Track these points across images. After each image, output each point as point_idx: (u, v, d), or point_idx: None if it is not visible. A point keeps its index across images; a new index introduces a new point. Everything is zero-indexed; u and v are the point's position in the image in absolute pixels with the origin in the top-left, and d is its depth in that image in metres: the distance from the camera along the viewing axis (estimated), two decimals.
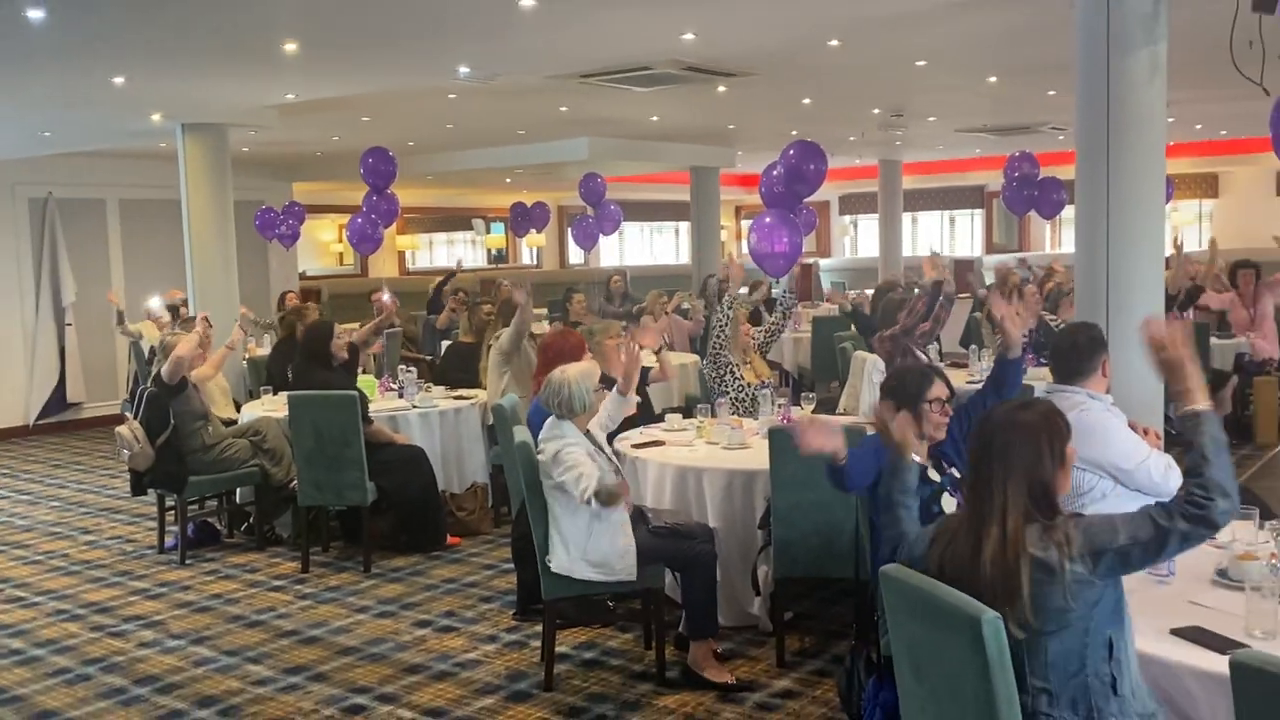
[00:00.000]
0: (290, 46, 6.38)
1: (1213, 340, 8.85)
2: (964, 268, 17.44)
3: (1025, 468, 2.52)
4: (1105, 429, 3.81)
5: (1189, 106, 10.87)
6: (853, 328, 8.94)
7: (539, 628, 4.84)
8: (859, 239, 23.37)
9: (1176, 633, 2.77)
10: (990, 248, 20.67)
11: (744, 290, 12.05)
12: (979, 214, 21.42)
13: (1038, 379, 5.52)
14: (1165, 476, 3.75)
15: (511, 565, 5.55)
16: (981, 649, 2.31)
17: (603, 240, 16.59)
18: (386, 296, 8.86)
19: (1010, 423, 2.59)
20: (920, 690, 2.63)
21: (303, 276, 15.79)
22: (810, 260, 20.44)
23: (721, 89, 8.71)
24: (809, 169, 6.71)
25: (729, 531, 4.97)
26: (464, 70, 7.29)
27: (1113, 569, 2.46)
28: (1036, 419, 2.59)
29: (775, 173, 6.94)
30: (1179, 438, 2.67)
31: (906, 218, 19.61)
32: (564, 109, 9.66)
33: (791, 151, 6.79)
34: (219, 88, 7.84)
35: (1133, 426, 4.01)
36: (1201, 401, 2.56)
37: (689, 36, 6.48)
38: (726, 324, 6.50)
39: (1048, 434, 2.57)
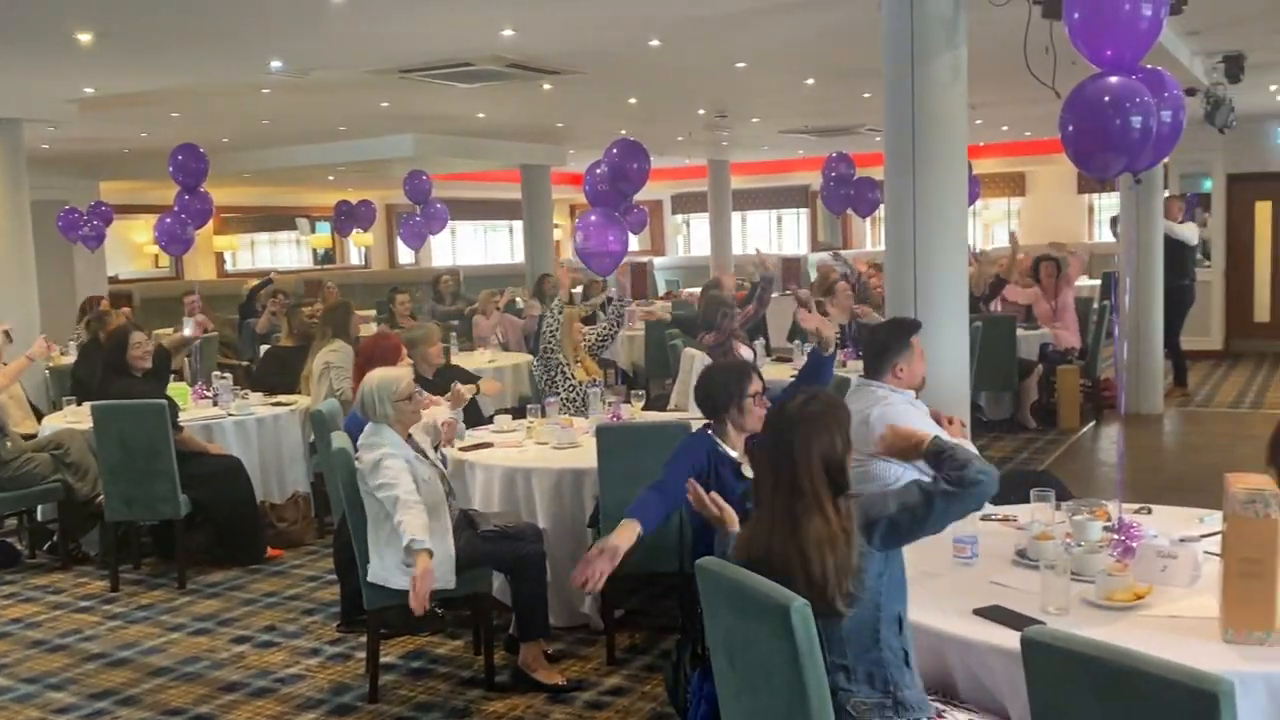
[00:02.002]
0: (84, 37, 6.04)
1: (1019, 331, 9.32)
2: (791, 265, 17.95)
3: (822, 455, 2.65)
4: (908, 421, 3.96)
5: (994, 109, 11.44)
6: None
7: (365, 639, 4.72)
8: (691, 238, 23.73)
9: (978, 612, 2.88)
10: (815, 246, 21.31)
11: (578, 290, 12.07)
12: (804, 213, 22.05)
13: (856, 371, 5.71)
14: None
15: (335, 576, 5.39)
16: (790, 636, 2.36)
17: (434, 240, 16.34)
18: (189, 331, 8.22)
19: (802, 418, 2.71)
20: (735, 679, 2.66)
21: (113, 280, 15.01)
22: (645, 259, 20.64)
23: (547, 87, 8.69)
24: (632, 167, 6.74)
25: (559, 531, 4.95)
26: (276, 64, 7.06)
27: (886, 538, 2.62)
28: (822, 410, 2.74)
29: (599, 171, 6.95)
30: (990, 425, 2.85)
31: (736, 216, 20.02)
32: (385, 104, 9.46)
33: (615, 150, 6.81)
34: (9, 80, 7.37)
35: (937, 416, 4.18)
36: (924, 440, 3.00)
37: (508, 33, 6.43)
38: (556, 328, 6.47)
39: (835, 420, 2.73)
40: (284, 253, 19.78)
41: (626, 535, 3.47)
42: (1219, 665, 2.44)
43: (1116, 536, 3.31)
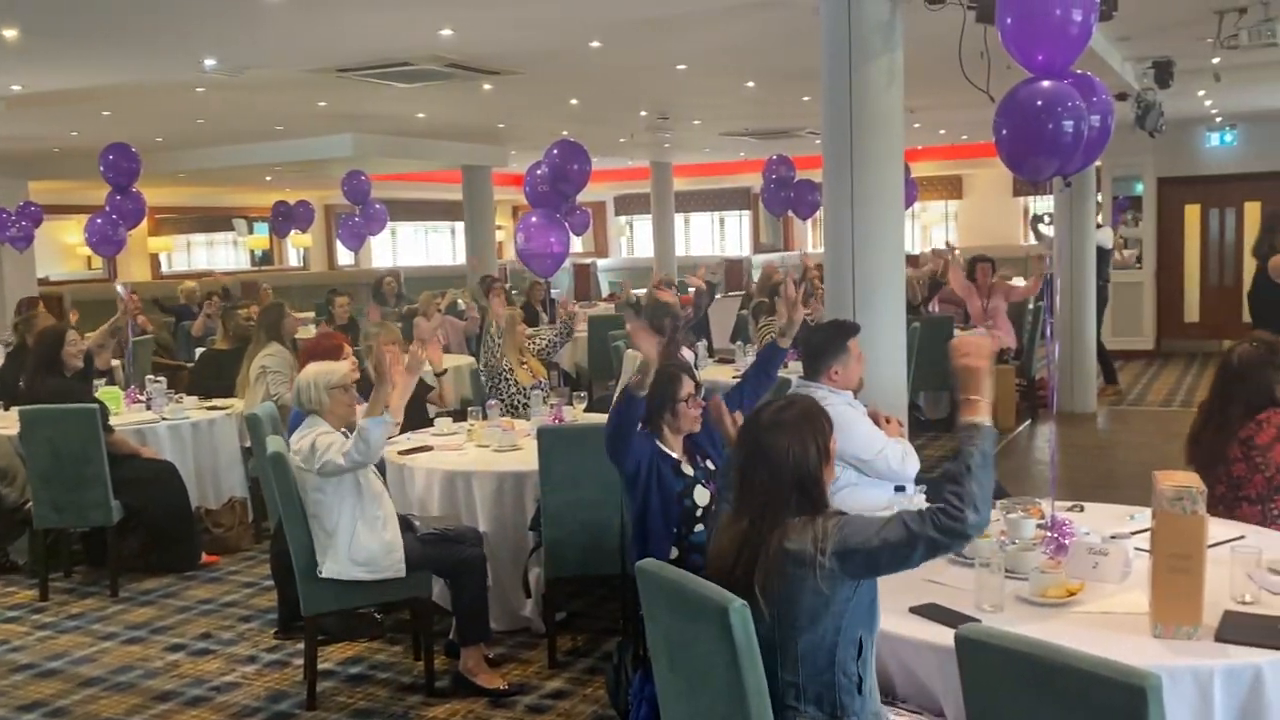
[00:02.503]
0: (9, 33, 5.90)
1: (957, 332, 9.44)
2: (734, 267, 18.03)
3: (793, 465, 2.56)
4: (847, 422, 4.00)
5: (932, 112, 11.59)
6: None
7: (302, 645, 4.65)
8: (635, 239, 23.76)
9: (915, 610, 2.91)
10: (758, 247, 21.44)
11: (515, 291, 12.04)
12: (746, 215, 22.17)
13: (798, 372, 5.74)
14: (903, 463, 3.97)
15: (273, 582, 5.31)
16: (729, 638, 2.36)
17: (374, 241, 16.19)
18: (121, 288, 8.14)
19: (775, 423, 2.62)
20: (676, 682, 2.66)
21: (44, 282, 14.66)
22: (588, 260, 20.63)
23: (487, 87, 8.64)
24: (573, 169, 6.74)
25: (500, 535, 4.92)
26: (210, 62, 6.94)
27: (861, 569, 2.50)
28: (798, 418, 2.64)
29: (540, 172, 6.94)
30: (928, 425, 2.80)
31: (679, 218, 20.09)
32: (323, 104, 9.35)
33: (555, 151, 6.80)
34: None
35: (875, 416, 4.23)
36: (983, 415, 2.60)
37: (447, 33, 6.39)
38: (500, 333, 6.44)
39: (811, 429, 2.62)
40: (221, 254, 19.47)
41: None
42: (1149, 660, 2.50)
43: (1050, 534, 3.37)
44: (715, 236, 22.96)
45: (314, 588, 4.30)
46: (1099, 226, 11.22)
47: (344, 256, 19.87)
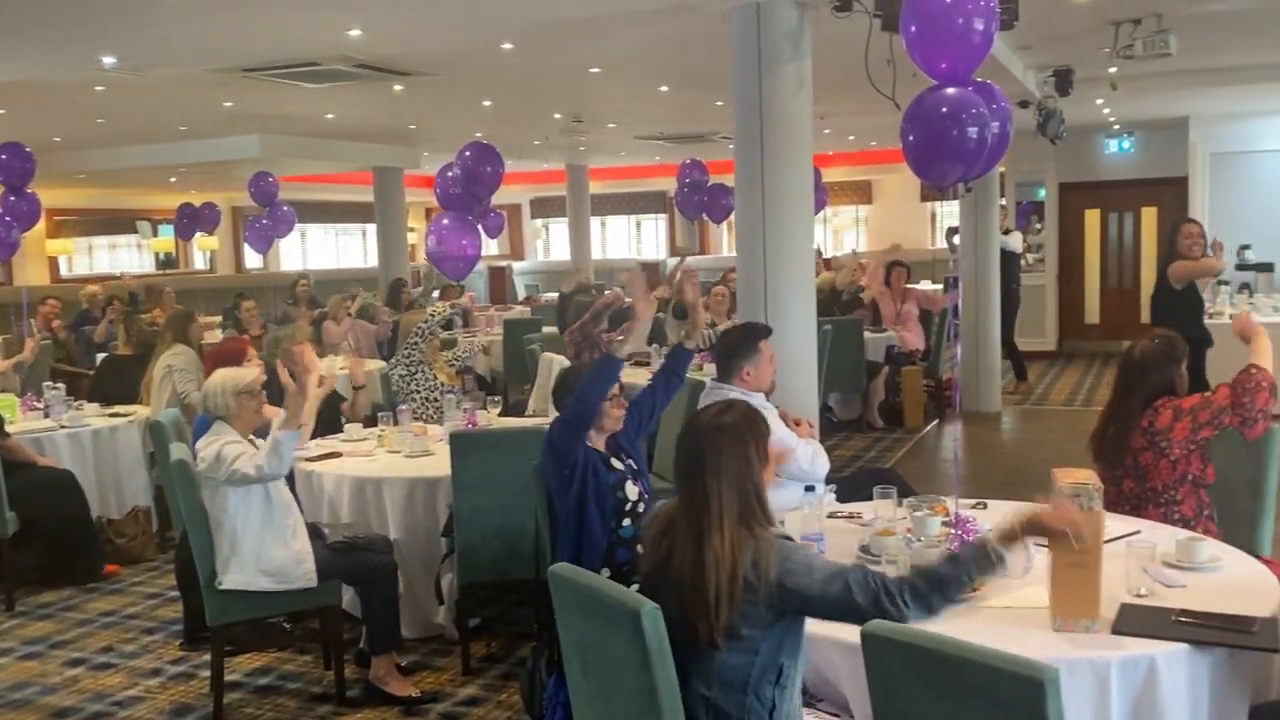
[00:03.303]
0: None
1: (866, 334, 9.60)
2: (651, 270, 18.09)
3: (736, 471, 2.54)
4: None
5: (842, 119, 11.77)
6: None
7: (209, 656, 4.54)
8: (551, 242, 23.68)
9: None
10: (674, 251, 21.54)
11: (436, 294, 11.89)
12: (663, 219, 22.25)
13: (713, 374, 5.79)
14: (813, 464, 4.03)
15: (178, 592, 5.18)
16: (641, 641, 2.36)
17: (284, 243, 15.89)
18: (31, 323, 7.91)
19: (715, 428, 2.60)
20: (589, 687, 2.66)
21: None
22: (503, 263, 20.51)
23: (398, 88, 8.55)
24: (485, 171, 6.69)
25: (411, 541, 4.87)
26: (109, 60, 6.74)
27: (795, 608, 2.49)
28: (736, 421, 2.62)
29: (451, 174, 6.87)
30: (839, 426, 2.82)
31: (595, 221, 20.08)
32: (229, 104, 9.16)
33: (467, 153, 6.75)
34: None
35: (785, 417, 4.28)
36: (1009, 556, 2.58)
37: (355, 33, 6.30)
38: (430, 322, 6.36)
39: (751, 435, 2.61)
40: (124, 257, 18.93)
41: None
42: (1049, 653, 2.57)
43: (954, 531, 3.44)
44: (632, 240, 23.01)
45: (220, 598, 4.20)
46: (1009, 231, 11.53)
47: (252, 259, 19.46)
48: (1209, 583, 3.06)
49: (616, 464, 3.85)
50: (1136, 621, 2.73)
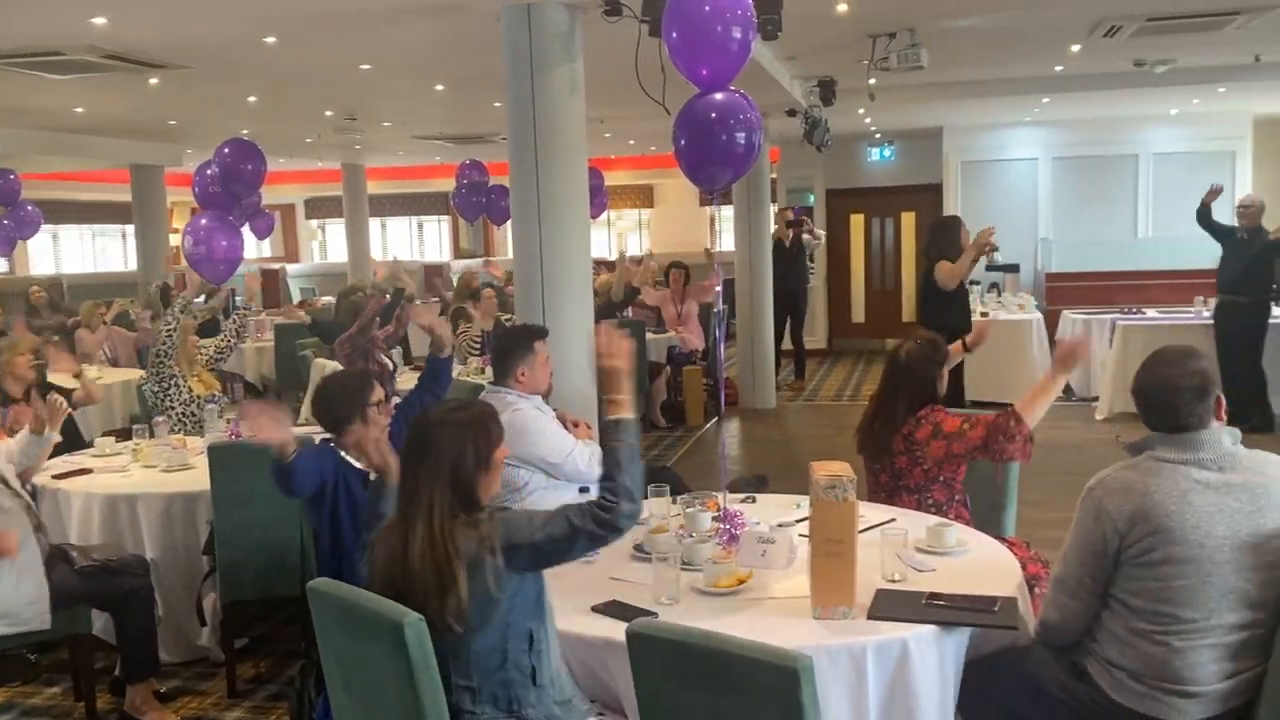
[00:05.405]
0: None
1: (649, 335, 9.75)
2: (433, 272, 17.78)
3: (450, 465, 2.56)
4: (538, 428, 4.05)
5: (621, 123, 11.90)
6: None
7: None
8: (328, 244, 22.94)
9: (596, 609, 2.94)
10: (458, 253, 21.27)
11: (201, 299, 11.30)
12: (445, 220, 21.93)
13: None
14: (590, 466, 4.04)
15: None
16: (405, 653, 2.30)
17: (33, 245, 14.76)
18: None
19: (441, 422, 2.62)
20: (352, 704, 2.57)
21: None
22: (276, 265, 19.71)
23: (154, 81, 8.06)
24: (246, 169, 6.38)
25: (170, 561, 4.62)
26: None
27: (527, 564, 2.55)
28: (467, 420, 2.63)
29: (210, 172, 6.53)
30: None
31: (375, 223, 19.56)
32: None
33: (226, 150, 6.42)
34: None
35: (563, 419, 4.28)
36: (626, 411, 2.71)
37: (100, 21, 5.89)
38: (174, 331, 6.00)
39: (474, 435, 2.61)
40: None
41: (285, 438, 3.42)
42: (808, 641, 2.66)
43: (723, 526, 3.52)
44: (414, 241, 22.57)
45: None
46: (813, 232, 12.18)
47: None
48: (957, 566, 3.24)
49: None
50: (890, 606, 2.86)
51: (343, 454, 3.77)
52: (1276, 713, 2.58)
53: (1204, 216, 8.81)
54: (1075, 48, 8.54)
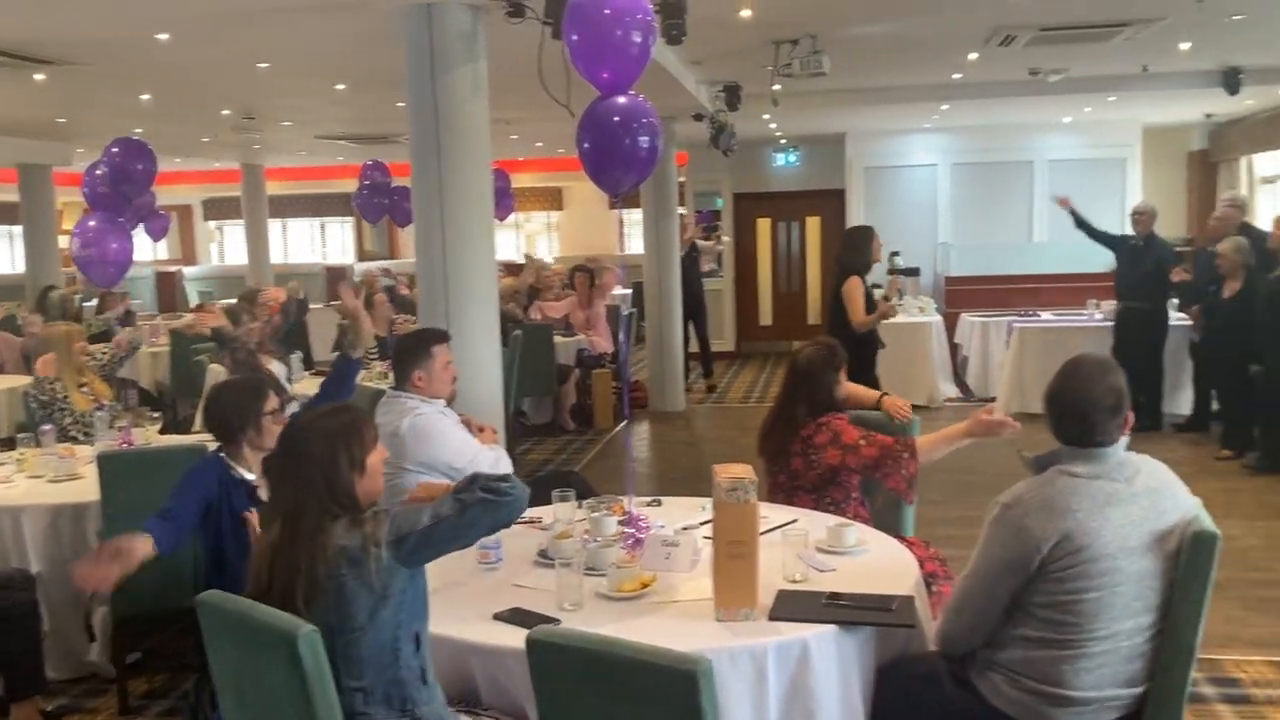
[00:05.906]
0: None
1: (557, 339, 9.71)
2: (336, 274, 17.48)
3: (323, 471, 2.54)
4: (440, 432, 4.00)
5: (529, 125, 11.85)
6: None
7: None
8: (226, 246, 22.40)
9: (498, 616, 2.90)
10: (363, 255, 20.95)
11: (93, 303, 10.93)
12: (349, 222, 21.57)
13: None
14: (495, 468, 4.00)
15: None
16: (299, 664, 2.25)
17: None
18: None
19: (311, 426, 2.60)
20: (244, 717, 2.50)
21: None
22: (173, 268, 19.18)
23: (40, 77, 7.77)
24: (137, 169, 6.19)
25: (57, 575, 4.43)
26: None
27: (417, 550, 2.53)
28: (338, 426, 2.61)
29: (99, 172, 6.31)
30: (532, 430, 2.83)
31: (276, 224, 19.15)
32: None
33: (115, 150, 6.21)
34: None
35: (468, 423, 4.24)
36: None
37: None
38: (42, 348, 5.77)
39: (346, 440, 2.59)
40: None
41: (142, 544, 3.12)
42: (710, 643, 2.65)
43: (628, 530, 3.51)
44: (317, 243, 22.15)
45: None
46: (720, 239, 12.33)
47: None
48: (856, 565, 3.28)
49: (264, 494, 3.64)
50: (790, 607, 2.88)
51: (231, 465, 3.65)
52: None
53: (1086, 228, 9.04)
54: (973, 56, 8.75)
